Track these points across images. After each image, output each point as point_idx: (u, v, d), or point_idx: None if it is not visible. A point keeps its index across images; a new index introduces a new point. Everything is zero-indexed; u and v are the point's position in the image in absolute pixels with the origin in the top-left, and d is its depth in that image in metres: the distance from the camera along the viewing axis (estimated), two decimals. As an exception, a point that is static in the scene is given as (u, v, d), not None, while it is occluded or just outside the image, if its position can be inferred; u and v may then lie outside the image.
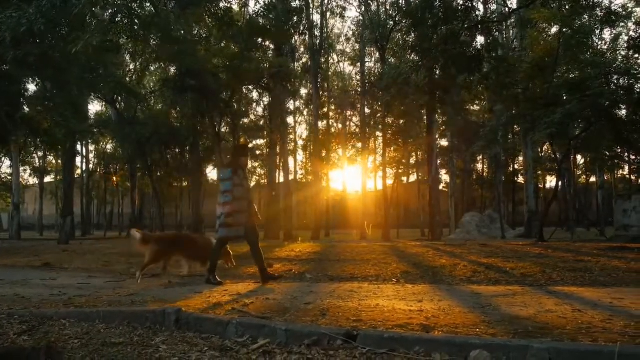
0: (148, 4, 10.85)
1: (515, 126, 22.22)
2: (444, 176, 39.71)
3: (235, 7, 19.76)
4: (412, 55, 14.82)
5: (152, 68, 29.32)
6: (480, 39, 14.81)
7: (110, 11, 9.48)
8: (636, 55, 19.77)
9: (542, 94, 17.06)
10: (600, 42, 29.96)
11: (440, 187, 43.13)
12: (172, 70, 21.70)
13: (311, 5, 27.15)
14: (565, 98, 16.77)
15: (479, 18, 14.23)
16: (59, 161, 32.91)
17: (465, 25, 12.49)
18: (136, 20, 9.85)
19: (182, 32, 12.18)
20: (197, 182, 25.46)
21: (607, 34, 30.38)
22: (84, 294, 5.40)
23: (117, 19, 9.24)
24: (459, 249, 11.46)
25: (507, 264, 7.98)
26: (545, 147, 29.58)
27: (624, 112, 19.30)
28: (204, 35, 16.00)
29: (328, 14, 29.51)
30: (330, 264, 8.63)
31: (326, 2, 28.69)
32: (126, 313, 3.97)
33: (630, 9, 26.94)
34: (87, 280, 6.85)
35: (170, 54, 13.67)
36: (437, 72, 15.26)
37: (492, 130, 18.60)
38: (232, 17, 12.73)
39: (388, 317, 3.95)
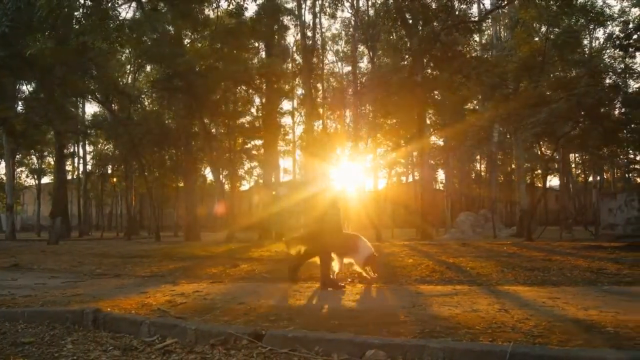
0: (120, 5, 10.92)
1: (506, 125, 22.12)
2: (441, 175, 39.62)
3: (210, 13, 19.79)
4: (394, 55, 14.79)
5: (148, 69, 29.49)
6: (461, 39, 14.75)
7: (81, 12, 9.56)
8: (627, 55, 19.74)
9: (530, 93, 17.02)
10: (594, 42, 29.93)
11: (439, 187, 43.12)
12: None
13: (303, 5, 27.15)
14: (552, 97, 16.72)
15: (461, 17, 14.16)
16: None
17: (445, 27, 12.42)
18: (110, 22, 9.91)
19: (158, 33, 12.18)
20: (191, 182, 25.53)
21: (600, 34, 30.32)
22: (31, 294, 5.45)
23: (84, 20, 9.29)
24: (435, 249, 11.48)
25: (470, 263, 7.98)
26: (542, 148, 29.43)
27: (616, 111, 19.24)
28: (183, 36, 15.99)
29: (320, 14, 29.49)
30: (297, 264, 8.65)
31: (319, 2, 28.65)
32: (49, 313, 4.03)
33: (624, 8, 26.87)
34: (46, 280, 6.92)
35: (152, 54, 13.70)
36: (420, 72, 15.23)
37: (481, 129, 18.56)
38: (205, 17, 12.77)
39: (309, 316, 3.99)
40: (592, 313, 4.06)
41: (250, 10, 43.11)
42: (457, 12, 16.73)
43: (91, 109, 40.95)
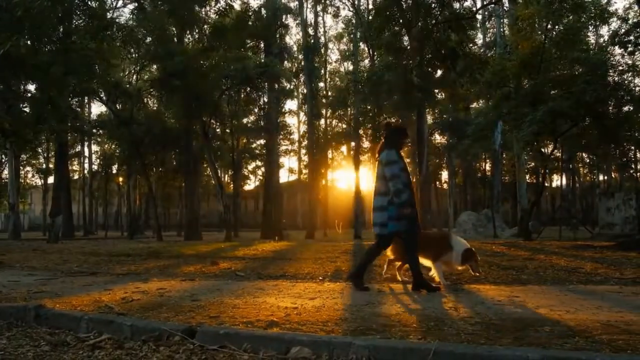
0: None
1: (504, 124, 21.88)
2: (445, 175, 39.43)
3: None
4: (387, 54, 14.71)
5: (153, 68, 29.64)
6: (454, 37, 14.60)
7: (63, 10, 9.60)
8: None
9: (528, 91, 16.82)
10: (599, 39, 29.57)
11: (443, 186, 42.88)
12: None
13: (305, 5, 27.18)
14: (550, 95, 16.51)
15: (455, 14, 14.03)
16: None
17: (437, 23, 12.32)
18: (98, 22, 9.98)
19: (148, 32, 12.23)
20: (191, 182, 25.66)
21: (604, 31, 29.96)
22: (-4, 291, 5.51)
23: (72, 20, 9.37)
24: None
25: (448, 263, 7.91)
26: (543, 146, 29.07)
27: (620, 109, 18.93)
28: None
29: (323, 12, 29.51)
30: (277, 262, 8.68)
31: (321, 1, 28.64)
32: (-4, 309, 4.06)
33: (631, 5, 26.52)
34: (21, 278, 6.98)
35: (148, 53, 13.76)
36: (413, 71, 15.13)
37: (478, 128, 18.39)
38: (194, 17, 12.81)
39: (251, 313, 3.99)
40: (542, 312, 4.00)
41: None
42: (456, 10, 16.63)
43: (98, 108, 41.33)
